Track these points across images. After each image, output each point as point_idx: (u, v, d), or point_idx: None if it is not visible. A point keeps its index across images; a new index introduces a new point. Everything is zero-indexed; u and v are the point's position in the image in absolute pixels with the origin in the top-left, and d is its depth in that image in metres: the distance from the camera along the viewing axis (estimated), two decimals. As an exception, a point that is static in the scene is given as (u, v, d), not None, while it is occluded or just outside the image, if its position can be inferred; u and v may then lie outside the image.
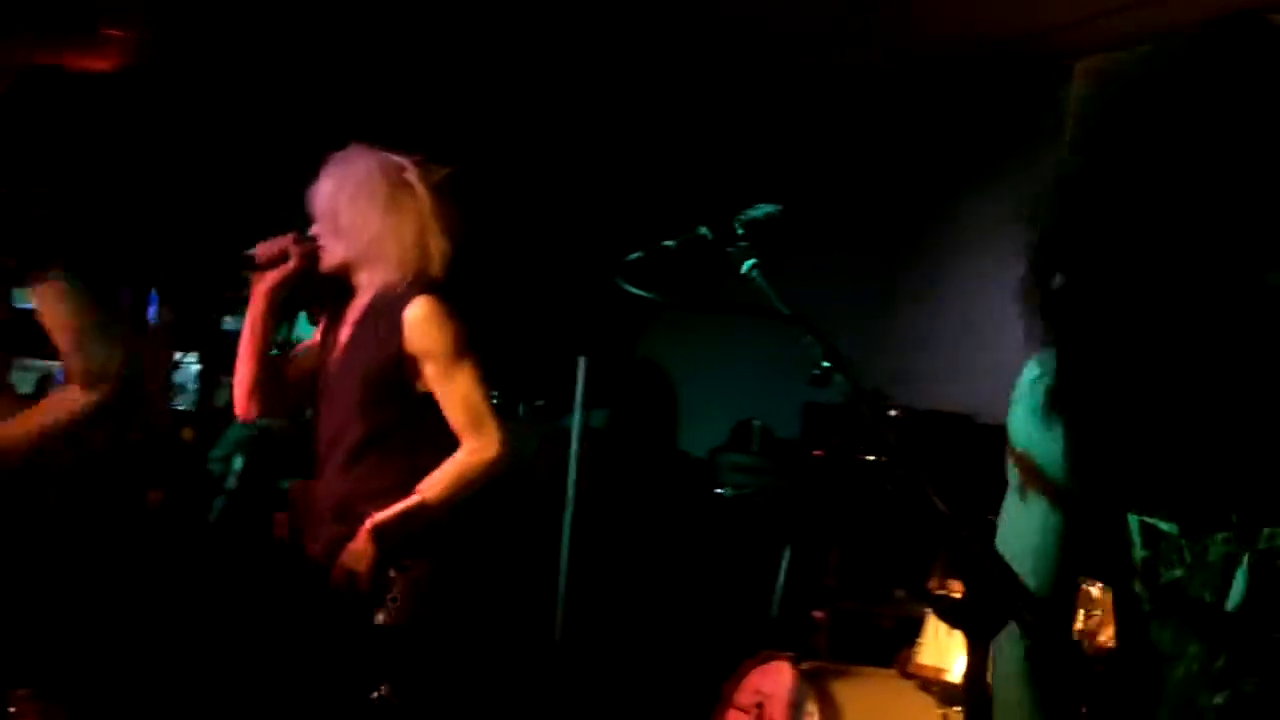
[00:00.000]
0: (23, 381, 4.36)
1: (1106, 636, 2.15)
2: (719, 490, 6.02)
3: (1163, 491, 1.45)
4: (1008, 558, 1.46)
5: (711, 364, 6.46)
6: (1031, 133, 6.06)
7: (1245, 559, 1.43)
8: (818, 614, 4.23)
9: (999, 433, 6.18)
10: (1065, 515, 1.55)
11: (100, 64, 5.81)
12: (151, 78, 5.82)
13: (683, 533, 5.87)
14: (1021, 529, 1.58)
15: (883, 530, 5.08)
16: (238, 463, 4.14)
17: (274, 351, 3.24)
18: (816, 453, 5.30)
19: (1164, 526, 1.47)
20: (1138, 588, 1.49)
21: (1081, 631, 2.69)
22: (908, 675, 3.81)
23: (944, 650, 3.62)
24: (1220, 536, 1.44)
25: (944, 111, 6.66)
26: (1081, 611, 3.30)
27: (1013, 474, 1.62)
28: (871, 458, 5.34)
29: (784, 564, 5.29)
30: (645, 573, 5.63)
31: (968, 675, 1.32)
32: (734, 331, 6.22)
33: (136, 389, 3.13)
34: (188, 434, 4.24)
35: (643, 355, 6.39)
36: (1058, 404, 1.49)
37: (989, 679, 1.34)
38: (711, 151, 6.43)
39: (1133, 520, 1.49)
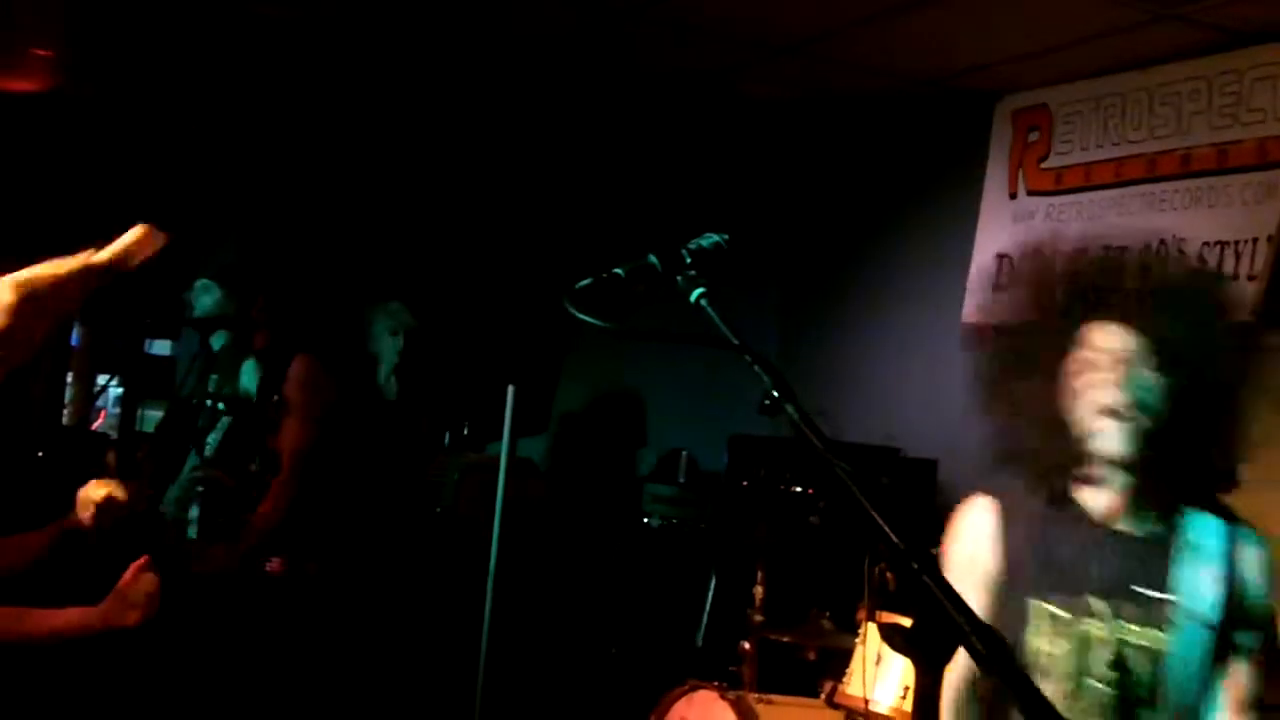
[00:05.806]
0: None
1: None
2: (645, 519, 6.02)
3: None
4: None
5: (641, 394, 6.48)
6: (954, 170, 6.17)
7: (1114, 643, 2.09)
8: (745, 644, 4.24)
9: (923, 466, 6.20)
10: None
11: (24, 85, 5.71)
12: (74, 96, 5.74)
13: (609, 561, 5.86)
14: None
15: (807, 561, 5.10)
16: (194, 511, 4.12)
17: (215, 403, 3.20)
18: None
19: (1055, 611, 2.11)
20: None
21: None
22: (834, 706, 3.82)
23: (871, 681, 3.64)
24: (1092, 626, 2.09)
25: (868, 148, 6.75)
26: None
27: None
28: (798, 489, 5.37)
29: (709, 594, 5.29)
30: (571, 601, 5.61)
31: (917, 704, 1.34)
32: (663, 362, 6.24)
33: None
34: (111, 458, 4.19)
35: (572, 384, 6.38)
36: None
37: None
38: (637, 186, 6.47)
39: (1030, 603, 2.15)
